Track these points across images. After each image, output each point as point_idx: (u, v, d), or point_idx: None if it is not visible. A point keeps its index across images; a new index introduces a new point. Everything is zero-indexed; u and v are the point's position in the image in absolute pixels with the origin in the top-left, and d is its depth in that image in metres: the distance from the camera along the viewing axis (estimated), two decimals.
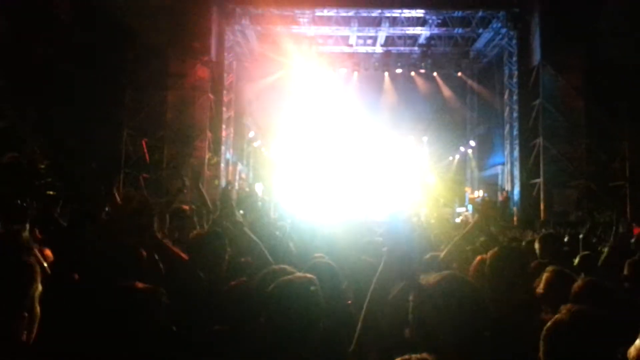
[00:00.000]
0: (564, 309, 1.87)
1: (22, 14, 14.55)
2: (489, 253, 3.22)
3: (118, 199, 4.03)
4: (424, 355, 1.67)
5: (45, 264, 2.23)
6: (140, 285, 1.96)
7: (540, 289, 3.12)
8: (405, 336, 2.16)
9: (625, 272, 3.63)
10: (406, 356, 1.66)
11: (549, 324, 1.84)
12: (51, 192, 15.67)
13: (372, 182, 19.49)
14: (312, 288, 2.03)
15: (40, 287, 1.54)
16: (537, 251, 4.35)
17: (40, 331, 1.56)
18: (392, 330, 2.20)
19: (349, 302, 2.90)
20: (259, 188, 19.13)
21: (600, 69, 16.50)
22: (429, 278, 2.09)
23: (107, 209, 4.28)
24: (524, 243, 5.95)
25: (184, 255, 3.11)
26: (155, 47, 16.24)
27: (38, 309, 1.54)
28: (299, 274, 2.22)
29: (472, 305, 1.97)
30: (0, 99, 14.33)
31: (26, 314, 1.45)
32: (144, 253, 2.77)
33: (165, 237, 3.36)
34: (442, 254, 3.73)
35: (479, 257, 3.45)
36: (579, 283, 2.84)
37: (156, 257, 2.94)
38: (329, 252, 4.23)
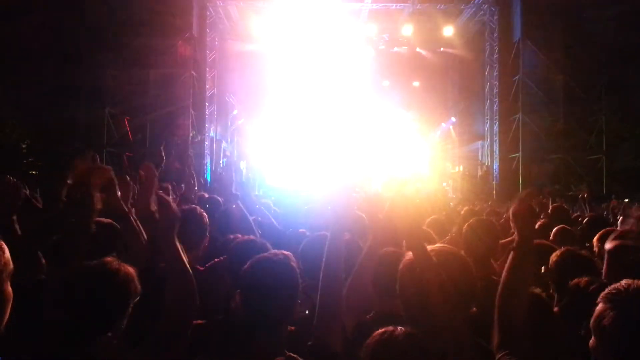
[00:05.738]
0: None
1: None
2: (465, 225, 3.37)
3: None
4: (409, 329, 1.65)
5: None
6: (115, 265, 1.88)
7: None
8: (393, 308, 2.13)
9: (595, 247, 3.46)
10: (390, 327, 1.63)
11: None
12: (33, 172, 15.59)
13: (359, 155, 19.30)
14: (290, 264, 1.99)
15: (10, 266, 1.45)
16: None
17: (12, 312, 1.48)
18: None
19: None
20: (242, 166, 19.13)
21: (579, 44, 16.70)
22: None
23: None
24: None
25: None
26: (136, 23, 15.98)
27: (9, 289, 1.45)
28: (275, 250, 2.14)
29: (463, 280, 1.94)
30: None
31: None
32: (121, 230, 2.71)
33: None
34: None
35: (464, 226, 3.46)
36: (556, 253, 2.82)
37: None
38: (311, 227, 4.34)
